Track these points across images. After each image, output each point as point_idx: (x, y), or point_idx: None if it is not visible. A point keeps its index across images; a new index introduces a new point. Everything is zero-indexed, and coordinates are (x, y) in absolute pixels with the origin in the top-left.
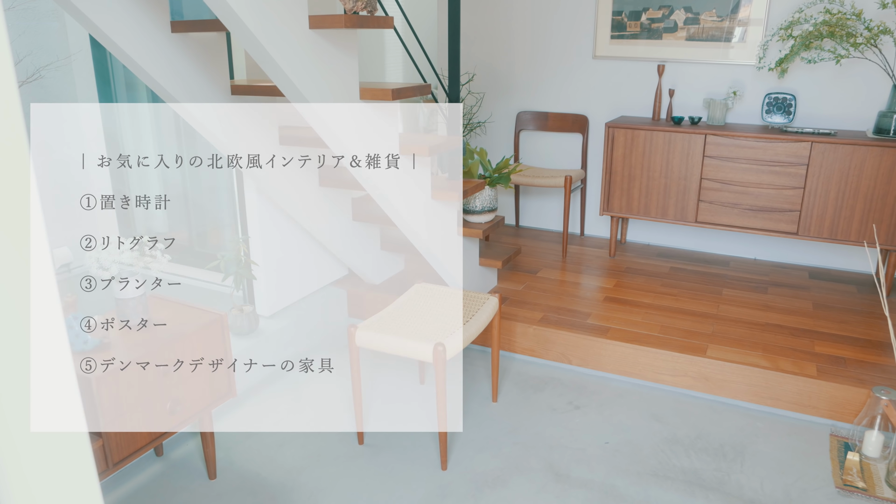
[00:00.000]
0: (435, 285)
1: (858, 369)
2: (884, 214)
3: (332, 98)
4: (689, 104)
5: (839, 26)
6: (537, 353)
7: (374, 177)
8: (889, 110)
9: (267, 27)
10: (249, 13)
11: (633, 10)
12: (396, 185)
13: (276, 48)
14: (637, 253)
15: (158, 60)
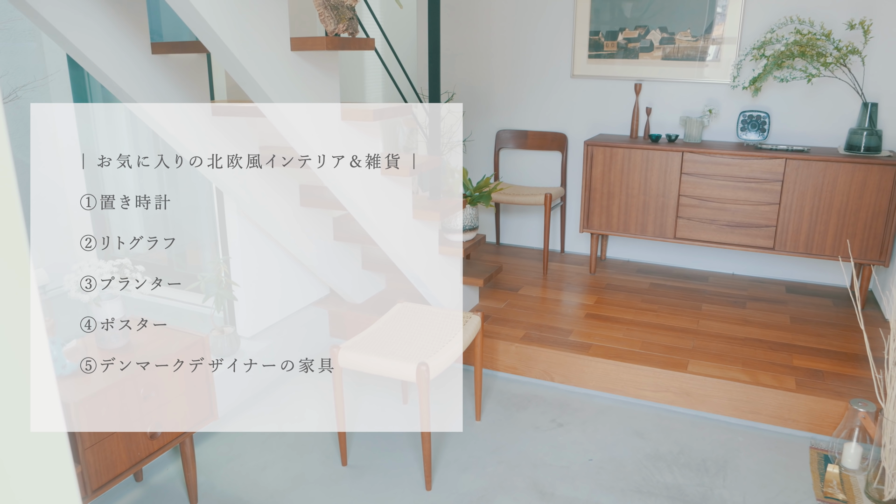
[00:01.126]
0: (417, 304)
1: (836, 382)
2: (857, 229)
3: (313, 119)
4: (666, 122)
5: (810, 46)
6: (520, 371)
7: (356, 196)
8: (859, 127)
9: (249, 49)
10: (231, 35)
11: (609, 30)
12: (377, 204)
13: (258, 70)
14: (617, 269)
15: (139, 81)
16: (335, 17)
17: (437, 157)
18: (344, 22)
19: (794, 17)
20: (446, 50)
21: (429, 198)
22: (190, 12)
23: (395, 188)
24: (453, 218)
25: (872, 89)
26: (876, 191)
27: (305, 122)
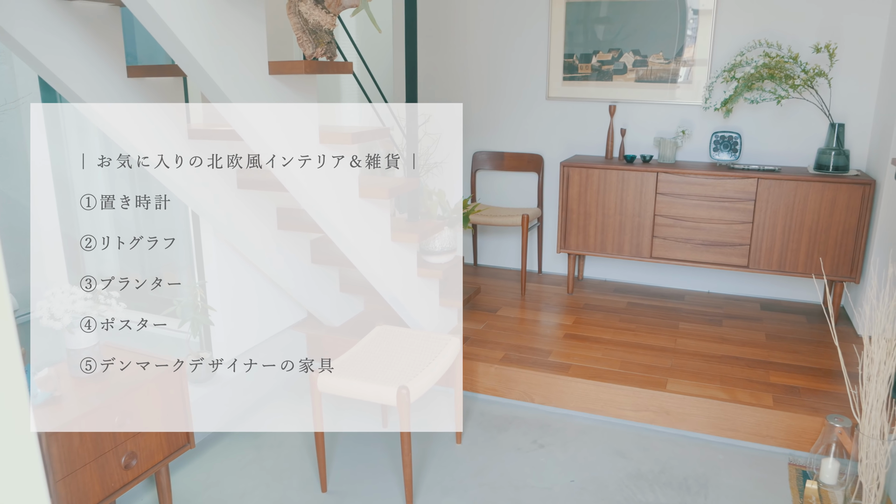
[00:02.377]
0: (396, 327)
1: (812, 398)
2: (828, 246)
3: (291, 142)
4: (640, 143)
5: (778, 69)
6: (500, 393)
7: (334, 219)
8: (827, 147)
9: (226, 73)
10: (209, 59)
11: (583, 52)
12: (355, 227)
13: (235, 93)
14: (595, 289)
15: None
16: (313, 41)
17: (414, 179)
18: (322, 46)
19: (762, 40)
20: (423, 73)
21: (407, 220)
22: (167, 36)
23: (373, 210)
24: (432, 240)
25: (839, 110)
26: (845, 209)
27: (283, 146)
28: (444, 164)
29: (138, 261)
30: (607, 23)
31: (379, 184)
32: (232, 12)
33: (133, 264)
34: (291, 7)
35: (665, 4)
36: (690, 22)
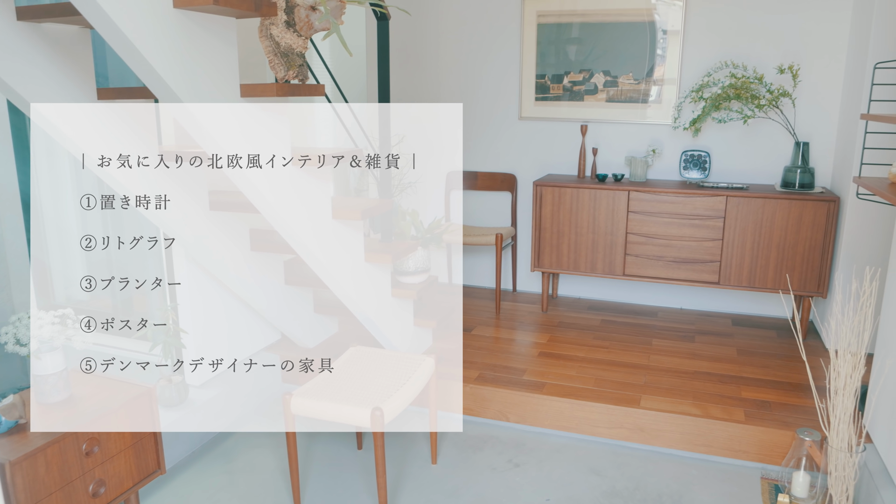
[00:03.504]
0: (370, 348)
1: (783, 412)
2: (795, 262)
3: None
4: (612, 162)
5: (744, 89)
6: (475, 412)
7: (307, 240)
8: (793, 165)
9: (198, 96)
10: (180, 82)
11: (555, 73)
12: (328, 248)
13: (207, 117)
14: (569, 307)
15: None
16: (285, 64)
17: (387, 201)
18: (294, 69)
19: (728, 61)
20: (396, 93)
21: (380, 240)
22: (137, 59)
23: (346, 231)
24: (405, 260)
25: (803, 129)
26: (811, 226)
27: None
28: (417, 183)
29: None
30: (578, 44)
31: (352, 205)
32: (203, 36)
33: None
34: (263, 30)
35: (635, 26)
36: (660, 43)
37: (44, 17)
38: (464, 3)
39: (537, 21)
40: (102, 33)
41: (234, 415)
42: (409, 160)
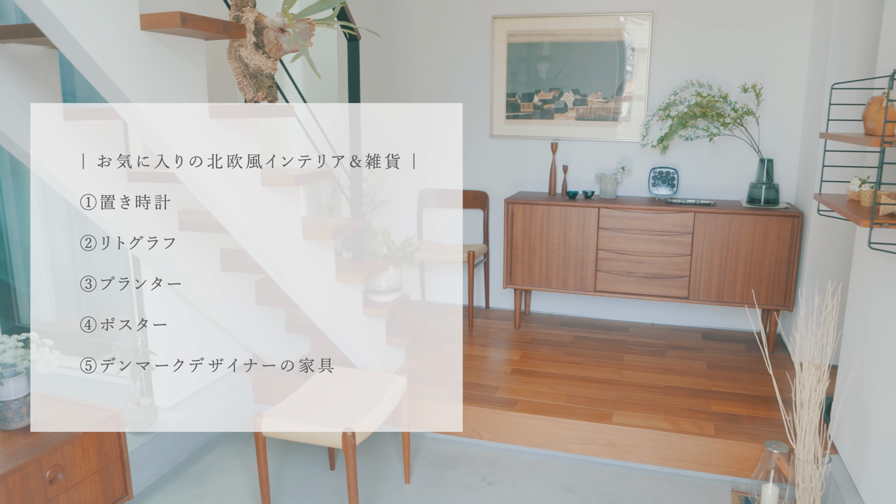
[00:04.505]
0: (342, 367)
1: (752, 425)
2: (762, 277)
3: (228, 186)
4: (582, 179)
5: (710, 108)
6: (448, 430)
7: (277, 260)
8: (758, 182)
9: (166, 118)
10: (148, 104)
11: (525, 91)
12: (298, 267)
13: (175, 137)
14: (541, 323)
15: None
16: (254, 85)
17: (358, 220)
18: (263, 90)
19: (694, 80)
20: (368, 111)
21: (352, 259)
22: (104, 81)
23: (317, 251)
24: (377, 279)
25: (767, 146)
26: (777, 241)
27: (222, 189)
28: (390, 202)
29: (76, 305)
30: (548, 62)
31: (322, 225)
32: (171, 58)
33: (70, 308)
34: (232, 52)
35: (603, 46)
36: (629, 61)
37: (8, 38)
38: (434, 24)
39: (507, 41)
40: (67, 55)
41: (204, 437)
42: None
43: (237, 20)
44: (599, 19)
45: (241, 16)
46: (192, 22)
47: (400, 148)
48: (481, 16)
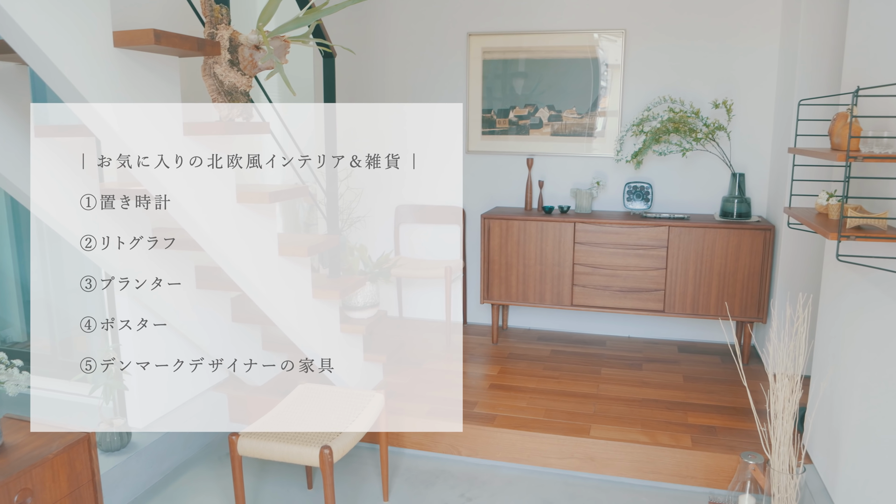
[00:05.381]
0: (319, 385)
1: (728, 436)
2: (735, 289)
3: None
4: (557, 194)
5: (682, 123)
6: (426, 447)
7: (252, 278)
8: (731, 196)
9: (139, 135)
10: (121, 122)
11: (501, 108)
12: (274, 285)
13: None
14: (519, 338)
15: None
16: (229, 101)
17: (335, 236)
18: (238, 107)
19: (666, 96)
20: (344, 126)
21: (329, 276)
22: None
23: (293, 268)
24: (354, 295)
25: (739, 160)
26: (749, 253)
27: (196, 206)
28: (366, 218)
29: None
30: (524, 79)
31: (298, 241)
32: (144, 75)
33: (42, 328)
34: (206, 69)
35: (578, 62)
36: (603, 78)
37: None
38: (410, 41)
39: (483, 57)
40: (38, 71)
41: (179, 457)
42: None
43: (212, 37)
44: (573, 36)
45: (216, 33)
46: (166, 39)
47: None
48: (457, 33)
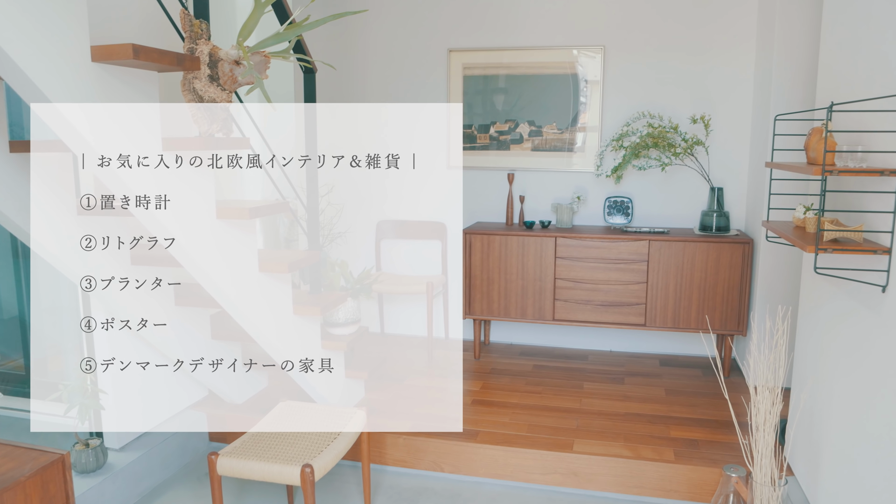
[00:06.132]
0: (300, 402)
1: (710, 450)
2: (716, 302)
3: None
4: (538, 209)
5: (661, 138)
6: (409, 464)
7: (232, 294)
8: (709, 210)
9: (117, 151)
10: (96, 136)
11: (481, 123)
12: (253, 301)
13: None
14: (501, 353)
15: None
16: (208, 116)
17: (316, 252)
18: (217, 122)
19: (645, 111)
20: (325, 142)
21: (309, 292)
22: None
23: (273, 284)
24: (335, 312)
25: (717, 175)
26: (728, 267)
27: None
28: (347, 233)
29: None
30: (504, 94)
31: (279, 258)
32: (123, 90)
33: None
34: (186, 84)
35: (557, 78)
36: (582, 94)
37: None
38: (390, 57)
39: (463, 73)
40: (14, 85)
41: (157, 478)
42: (339, 210)
43: (191, 52)
44: (553, 53)
45: (196, 48)
46: (145, 54)
47: (359, 178)
48: (437, 49)
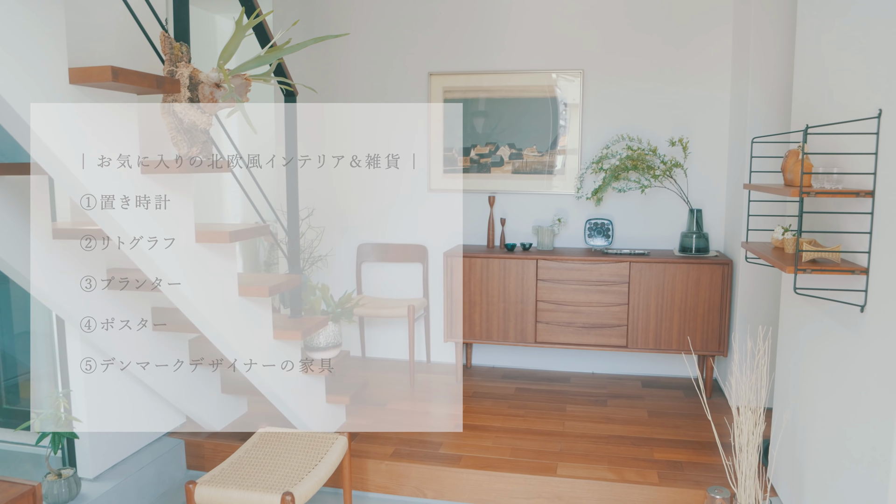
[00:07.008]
0: (280, 429)
1: (694, 471)
2: (696, 323)
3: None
4: (519, 231)
5: (640, 160)
6: (391, 490)
7: (212, 319)
8: (689, 231)
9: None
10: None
11: (462, 146)
12: (235, 327)
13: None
14: (483, 376)
15: None
16: (188, 140)
17: (296, 276)
18: (197, 146)
19: (624, 134)
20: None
21: (290, 316)
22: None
23: (253, 308)
24: (316, 336)
25: (696, 197)
26: (708, 287)
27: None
28: (328, 257)
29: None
30: (484, 117)
31: (259, 282)
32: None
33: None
34: (166, 108)
35: (537, 101)
36: (562, 117)
37: None
38: (371, 80)
39: (444, 96)
40: None
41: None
42: (319, 233)
43: (171, 75)
44: (532, 76)
45: (176, 71)
46: (124, 76)
47: (340, 200)
48: (418, 72)
